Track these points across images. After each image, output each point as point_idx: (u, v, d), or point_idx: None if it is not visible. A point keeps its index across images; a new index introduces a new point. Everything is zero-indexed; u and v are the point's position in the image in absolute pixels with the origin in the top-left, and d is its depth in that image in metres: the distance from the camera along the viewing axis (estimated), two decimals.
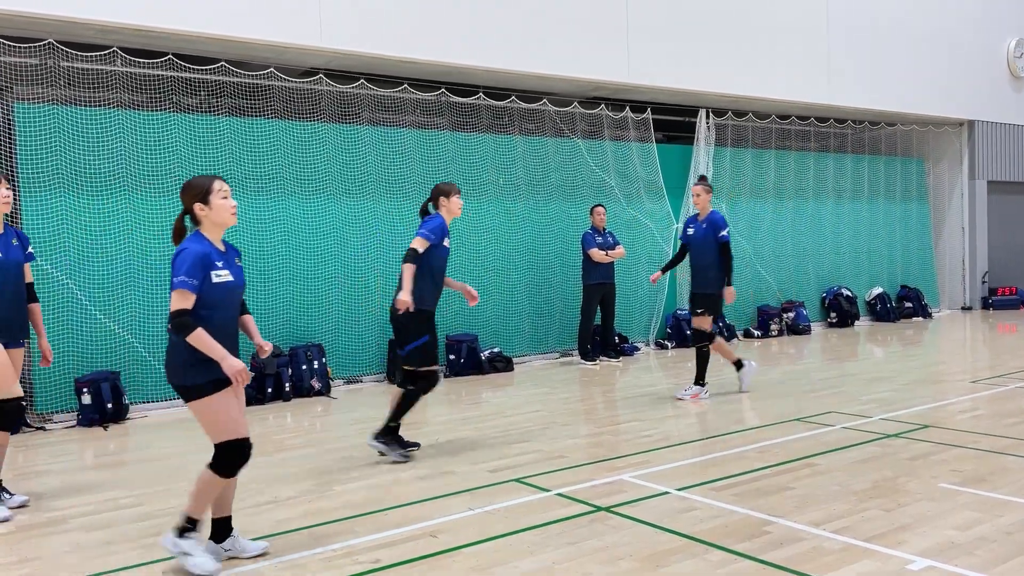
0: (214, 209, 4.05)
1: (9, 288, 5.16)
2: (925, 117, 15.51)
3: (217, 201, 4.05)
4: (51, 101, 8.21)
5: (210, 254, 3.98)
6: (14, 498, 5.20)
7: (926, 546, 4.16)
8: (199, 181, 4.09)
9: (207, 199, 4.04)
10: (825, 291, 14.60)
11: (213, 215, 4.05)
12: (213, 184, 4.07)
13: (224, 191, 4.09)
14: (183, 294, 3.88)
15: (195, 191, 4.05)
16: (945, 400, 7.95)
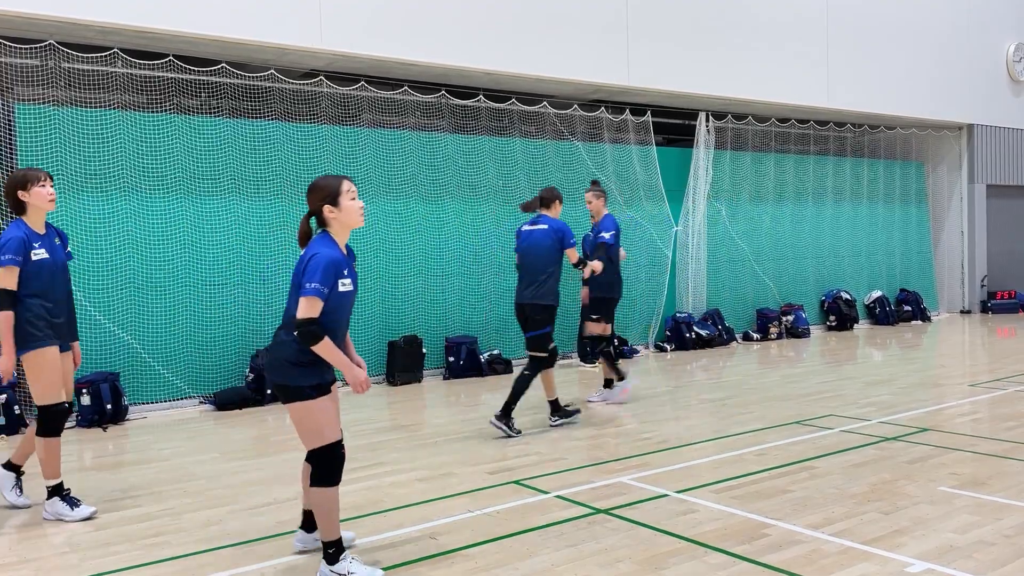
0: (343, 211, 3.92)
1: (59, 289, 5.02)
2: (924, 121, 15.53)
3: (346, 202, 3.93)
4: (52, 102, 8.22)
5: (341, 261, 3.84)
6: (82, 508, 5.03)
7: (925, 549, 4.17)
8: (327, 181, 3.95)
9: (337, 200, 3.91)
10: (824, 294, 14.61)
11: (343, 216, 3.93)
12: (342, 184, 3.94)
13: (352, 191, 3.97)
14: (313, 301, 3.71)
15: (323, 192, 3.92)
16: (944, 403, 7.96)
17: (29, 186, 4.90)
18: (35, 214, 4.95)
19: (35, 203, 4.92)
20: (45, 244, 4.95)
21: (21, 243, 4.81)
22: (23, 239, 4.83)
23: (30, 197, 4.91)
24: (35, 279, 4.86)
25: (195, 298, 8.75)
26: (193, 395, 8.68)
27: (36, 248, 4.88)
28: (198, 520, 4.91)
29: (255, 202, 9.20)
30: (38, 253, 4.88)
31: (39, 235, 4.95)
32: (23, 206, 4.93)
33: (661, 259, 12.50)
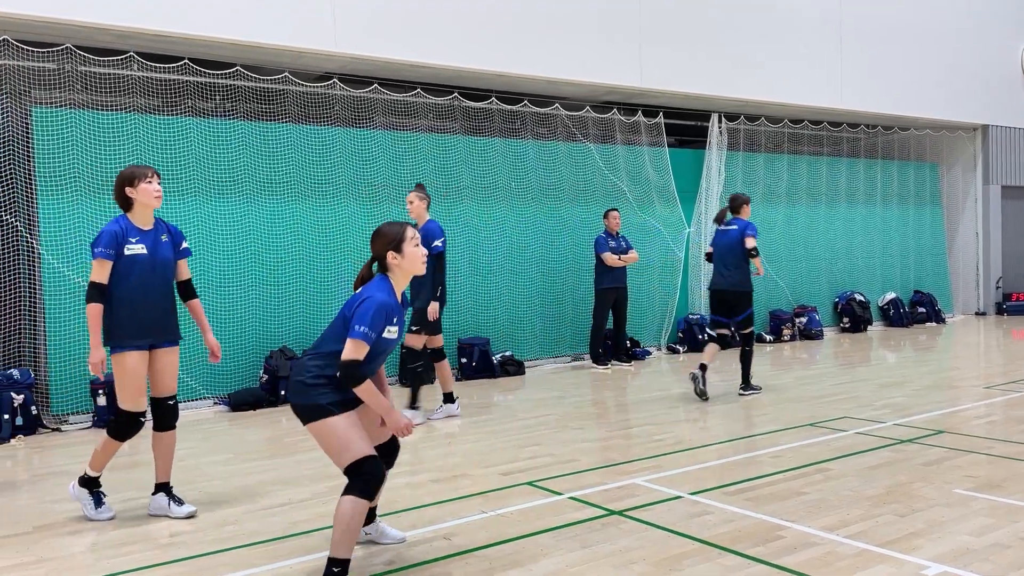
0: (407, 258, 3.94)
1: (156, 287, 4.93)
2: (938, 121, 15.45)
3: (410, 249, 3.94)
4: (68, 105, 8.29)
5: (394, 308, 3.84)
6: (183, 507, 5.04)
7: (941, 552, 4.15)
8: (392, 228, 3.98)
9: (400, 247, 3.93)
10: (838, 296, 14.55)
11: (405, 263, 3.94)
12: (406, 231, 3.96)
13: (416, 239, 3.98)
14: (360, 345, 3.71)
15: (388, 238, 3.94)
16: (959, 406, 7.91)
17: (136, 182, 4.87)
18: (141, 211, 4.91)
19: (141, 199, 4.88)
20: (145, 240, 4.89)
21: (113, 237, 4.77)
22: (116, 233, 4.79)
23: (137, 194, 4.88)
24: (126, 275, 4.81)
25: (210, 300, 8.78)
26: (208, 396, 8.72)
27: (132, 243, 4.83)
28: (213, 520, 4.94)
29: (269, 204, 9.24)
30: (133, 248, 4.83)
31: (140, 230, 4.90)
32: (130, 202, 4.90)
33: (673, 261, 12.48)
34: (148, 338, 4.94)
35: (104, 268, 4.77)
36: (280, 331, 9.19)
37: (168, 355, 5.06)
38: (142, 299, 4.88)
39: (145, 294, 4.89)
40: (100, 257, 4.76)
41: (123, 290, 4.83)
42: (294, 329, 9.29)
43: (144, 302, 4.89)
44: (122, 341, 4.83)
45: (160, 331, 5.00)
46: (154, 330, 4.97)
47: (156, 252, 4.94)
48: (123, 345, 4.84)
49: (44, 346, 7.97)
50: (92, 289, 4.77)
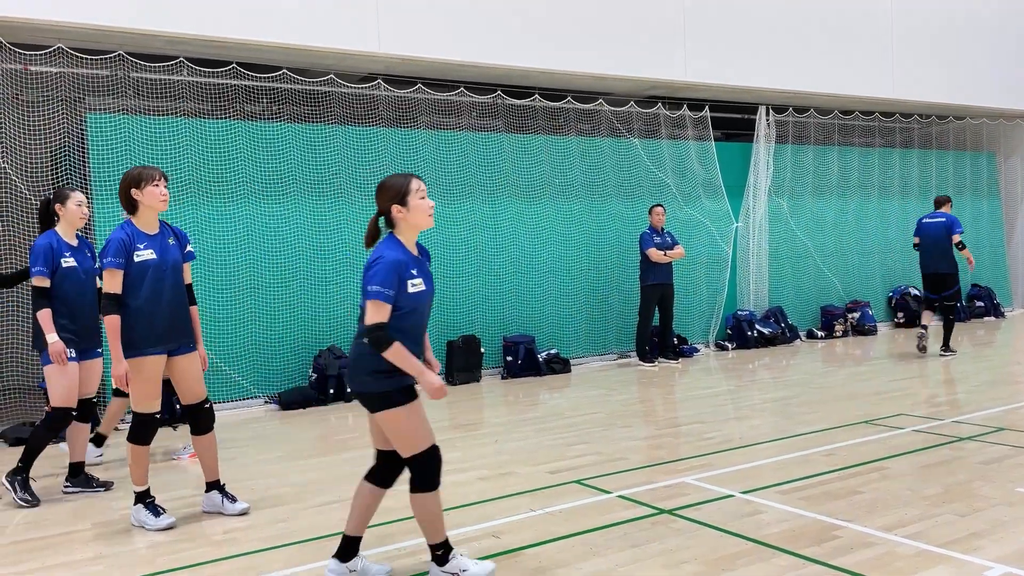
0: (412, 210, 3.79)
1: (168, 292, 4.87)
2: (995, 110, 14.98)
3: (415, 201, 3.79)
4: (121, 111, 8.47)
5: (406, 262, 3.74)
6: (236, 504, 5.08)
7: (1004, 552, 4.02)
8: (395, 180, 3.83)
9: (405, 200, 3.78)
10: (892, 291, 14.21)
11: (411, 217, 3.80)
12: (411, 183, 3.81)
13: (422, 190, 3.82)
14: (378, 305, 3.63)
15: (392, 191, 3.80)
16: (1019, 402, 7.66)
17: (143, 184, 4.82)
18: (146, 214, 4.86)
19: (147, 202, 4.84)
20: (153, 245, 4.84)
21: (121, 245, 4.74)
22: (124, 240, 4.76)
23: (143, 196, 4.83)
24: (139, 281, 4.77)
25: (260, 300, 8.92)
26: (258, 395, 8.85)
27: (141, 249, 4.79)
28: (265, 518, 5.00)
29: (317, 205, 9.34)
30: (142, 254, 4.79)
31: (147, 235, 4.85)
32: (135, 205, 4.85)
33: (721, 256, 12.31)
34: (166, 344, 4.88)
35: (116, 278, 4.71)
36: (329, 330, 9.28)
37: (188, 361, 5.00)
38: (156, 306, 4.82)
39: (159, 300, 4.84)
40: (111, 267, 4.70)
41: (137, 298, 4.76)
42: (342, 328, 9.37)
43: (158, 308, 4.83)
44: (140, 347, 4.78)
45: (177, 336, 4.94)
46: (171, 335, 4.90)
47: (166, 256, 4.89)
48: (140, 351, 4.79)
49: None
50: (107, 301, 4.70)
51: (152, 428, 4.93)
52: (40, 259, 5.43)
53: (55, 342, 5.35)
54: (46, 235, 5.57)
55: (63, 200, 5.63)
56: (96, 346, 5.77)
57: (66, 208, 5.62)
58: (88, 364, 5.71)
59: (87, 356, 5.70)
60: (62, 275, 5.50)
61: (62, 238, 5.59)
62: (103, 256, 4.76)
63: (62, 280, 5.50)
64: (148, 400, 4.88)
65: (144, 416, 4.89)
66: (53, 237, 5.56)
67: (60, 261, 5.49)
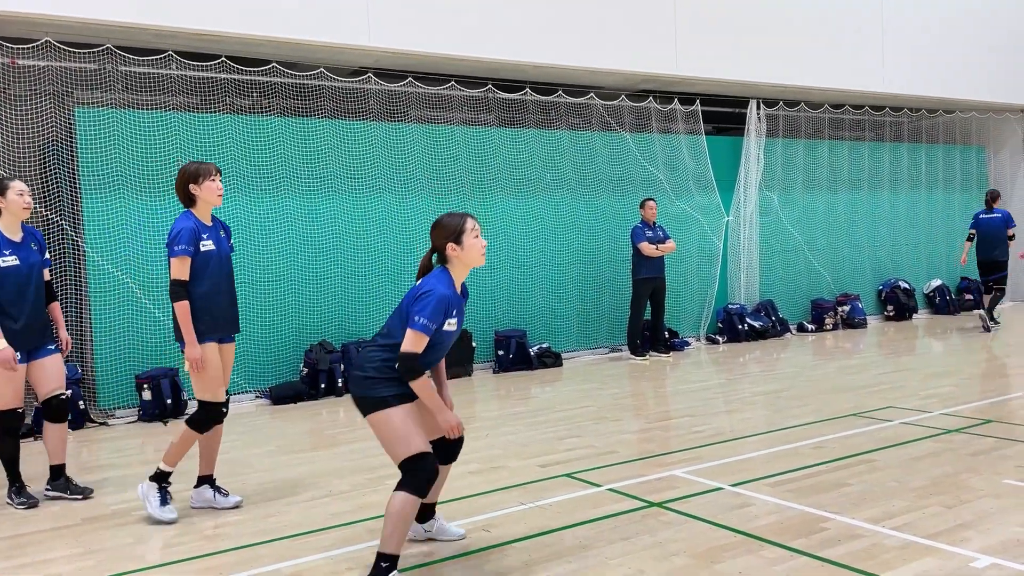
0: (466, 249, 3.91)
1: (224, 282, 4.99)
2: (985, 104, 15.04)
3: (470, 241, 3.91)
4: (110, 105, 8.43)
5: (452, 302, 3.83)
6: (229, 498, 5.12)
7: (990, 543, 4.05)
8: (452, 220, 3.96)
9: (460, 239, 3.90)
10: (882, 284, 14.27)
11: (464, 256, 3.91)
12: (466, 223, 3.94)
13: (476, 230, 3.95)
14: (420, 337, 3.71)
15: (448, 230, 3.91)
16: (1009, 395, 7.72)
17: (201, 180, 4.90)
18: (203, 208, 4.96)
19: (205, 197, 4.92)
20: (212, 236, 4.95)
21: (193, 233, 4.81)
22: (193, 229, 4.83)
23: (200, 191, 4.91)
24: (202, 272, 4.85)
25: (250, 295, 8.89)
26: (249, 390, 8.84)
27: (204, 239, 4.88)
28: (256, 512, 5.00)
29: (307, 199, 9.32)
30: (206, 244, 4.88)
31: (207, 227, 4.96)
32: (193, 199, 4.94)
33: (712, 250, 12.34)
34: (220, 332, 4.99)
35: (186, 265, 4.79)
36: (319, 325, 9.27)
37: (230, 351, 5.15)
38: (216, 295, 4.92)
39: (218, 290, 4.94)
40: (182, 255, 4.77)
41: (200, 287, 4.85)
42: (333, 323, 9.36)
43: (217, 298, 4.93)
44: (202, 336, 4.85)
45: (228, 326, 5.05)
46: (225, 325, 5.01)
47: (221, 247, 5.00)
48: (203, 336, 4.86)
49: (90, 342, 8.14)
50: (178, 287, 4.77)
51: (217, 419, 4.98)
52: None
53: (4, 349, 5.06)
54: None
55: (3, 191, 5.22)
56: (48, 342, 5.42)
57: (7, 199, 5.22)
58: (41, 363, 5.36)
59: (37, 355, 5.35)
60: (2, 275, 5.16)
61: (3, 233, 5.22)
62: (174, 244, 4.78)
63: (2, 280, 5.16)
64: (215, 388, 4.91)
65: (213, 405, 4.92)
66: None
67: None
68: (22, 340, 5.25)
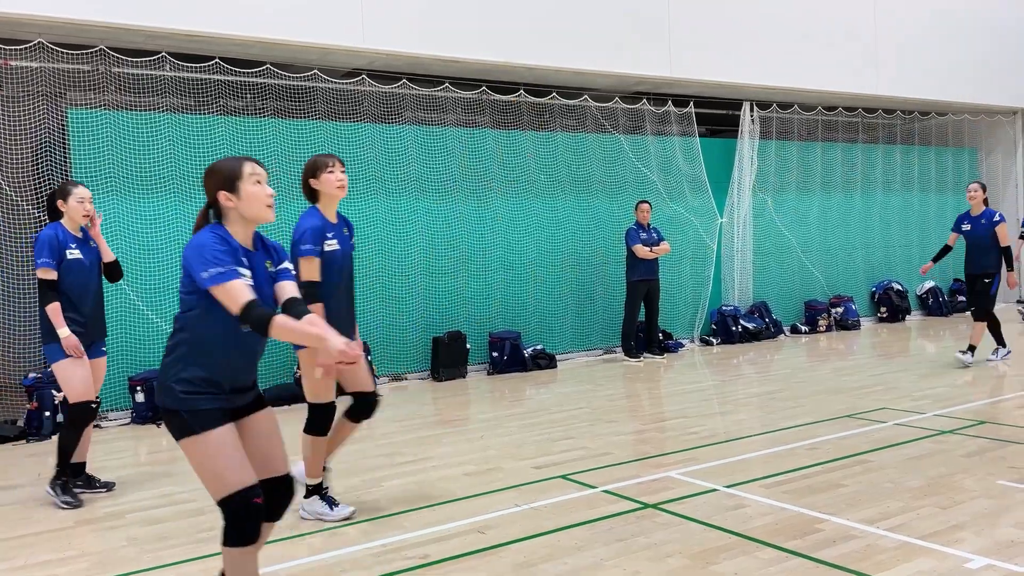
0: (244, 200, 3.17)
1: (344, 283, 4.77)
2: (977, 106, 15.10)
3: (249, 189, 3.17)
4: (103, 106, 8.40)
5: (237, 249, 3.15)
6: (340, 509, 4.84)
7: (984, 544, 4.06)
8: (225, 164, 3.23)
9: (236, 187, 3.17)
10: (875, 285, 14.31)
11: (243, 207, 3.17)
12: (244, 167, 3.19)
13: (257, 175, 3.20)
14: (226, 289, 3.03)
15: (219, 177, 3.19)
16: (1002, 396, 7.75)
17: (319, 172, 4.71)
18: (328, 203, 4.74)
19: (325, 190, 4.72)
20: (337, 234, 4.74)
21: (319, 233, 4.61)
22: (320, 229, 4.62)
23: (320, 184, 4.72)
24: (325, 271, 4.63)
25: None
26: None
27: (329, 238, 4.67)
28: None
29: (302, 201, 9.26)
30: (330, 244, 4.67)
31: (332, 225, 4.73)
32: (316, 194, 4.74)
33: (706, 251, 12.36)
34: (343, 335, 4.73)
35: (315, 265, 4.56)
36: None
37: None
38: (337, 296, 4.68)
39: (339, 290, 4.70)
40: (309, 255, 4.55)
41: (324, 288, 4.61)
42: None
43: (340, 298, 4.71)
44: None
45: (348, 326, 4.76)
46: (346, 326, 4.71)
47: (345, 246, 4.76)
48: None
49: None
50: (313, 287, 4.53)
51: (331, 418, 4.77)
52: (45, 250, 5.23)
53: (68, 336, 5.19)
54: (51, 226, 5.36)
55: (65, 196, 5.39)
56: (102, 343, 5.57)
57: (68, 205, 5.38)
58: (95, 363, 5.49)
59: (91, 355, 5.45)
60: (67, 266, 5.30)
61: (67, 229, 5.37)
62: (299, 244, 4.58)
63: (67, 271, 5.30)
64: (326, 388, 4.72)
65: (324, 406, 4.75)
66: (59, 228, 5.35)
67: (65, 253, 5.29)
68: (84, 335, 5.32)
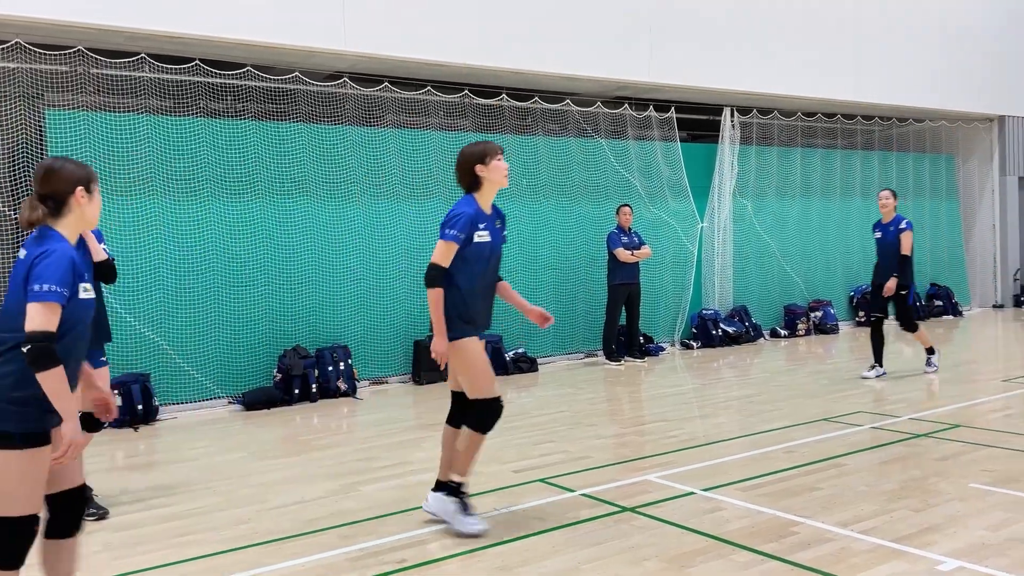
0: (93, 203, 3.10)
1: (492, 278, 4.61)
2: (955, 113, 15.29)
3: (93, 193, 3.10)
4: (81, 107, 8.34)
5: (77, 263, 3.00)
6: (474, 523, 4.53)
7: (956, 547, 4.11)
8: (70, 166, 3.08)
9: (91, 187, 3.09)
10: (853, 290, 14.44)
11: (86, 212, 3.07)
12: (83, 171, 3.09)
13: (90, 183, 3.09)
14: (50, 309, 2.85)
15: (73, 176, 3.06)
16: (976, 399, 7.84)
17: (489, 159, 4.48)
18: (489, 192, 4.55)
19: (493, 178, 4.51)
20: (489, 226, 4.53)
21: (470, 221, 4.40)
22: (472, 217, 4.43)
23: (488, 171, 4.50)
24: (472, 263, 4.46)
25: (223, 299, 8.83)
26: (222, 395, 8.76)
27: (480, 230, 4.46)
28: (227, 519, 4.96)
29: (282, 203, 9.26)
30: (482, 235, 4.46)
31: (486, 215, 4.53)
32: (479, 182, 4.53)
33: (686, 256, 12.42)
34: (478, 331, 4.60)
35: (451, 251, 4.38)
36: (293, 330, 9.21)
37: None
38: (482, 290, 4.53)
39: (485, 285, 4.55)
40: (451, 240, 4.37)
41: (467, 279, 4.46)
42: (307, 328, 9.31)
43: (483, 293, 4.55)
44: (463, 329, 4.46)
45: (486, 324, 4.68)
46: (483, 323, 4.63)
47: (496, 240, 4.59)
48: (464, 331, 4.46)
49: None
50: (436, 272, 4.37)
51: (499, 414, 4.55)
52: None
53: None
54: None
55: None
56: (99, 353, 5.09)
57: None
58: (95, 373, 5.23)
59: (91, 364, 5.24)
60: None
61: None
62: (446, 227, 4.41)
63: None
64: (489, 384, 4.52)
65: (490, 401, 4.51)
66: None
67: None
68: None
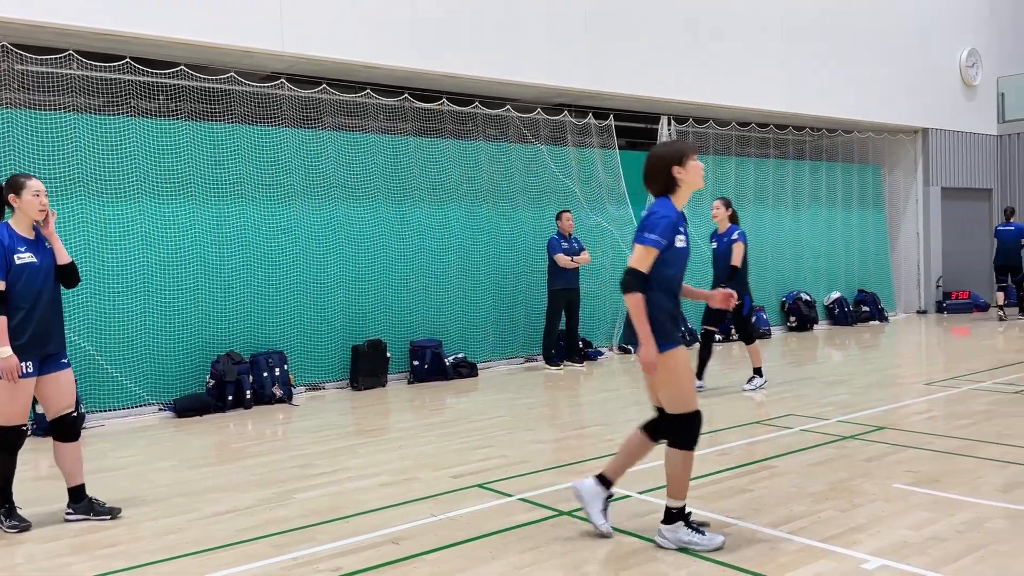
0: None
1: (680, 279, 4.42)
2: (881, 125, 15.83)
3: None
4: (5, 105, 8.05)
5: None
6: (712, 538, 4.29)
7: (880, 546, 4.25)
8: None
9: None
10: (785, 296, 14.81)
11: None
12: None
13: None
14: None
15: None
16: (900, 402, 8.11)
17: (686, 160, 4.34)
18: (684, 193, 4.37)
19: (690, 179, 4.34)
20: (685, 231, 4.40)
21: (671, 226, 4.22)
22: (675, 223, 4.25)
23: (687, 173, 4.33)
24: (672, 267, 4.30)
25: (154, 303, 8.62)
26: (152, 402, 8.54)
27: (680, 234, 4.31)
28: (156, 529, 4.83)
29: (216, 205, 9.08)
30: (680, 240, 4.32)
31: (682, 218, 4.41)
32: (675, 184, 4.34)
33: (625, 262, 12.53)
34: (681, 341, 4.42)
35: (651, 257, 4.19)
36: (226, 335, 9.04)
37: None
38: (670, 292, 4.34)
39: (673, 286, 4.36)
40: (651, 245, 4.18)
41: (667, 282, 4.29)
42: (241, 333, 9.14)
43: (669, 295, 4.33)
44: (671, 336, 4.27)
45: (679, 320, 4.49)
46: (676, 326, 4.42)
47: (689, 246, 4.45)
48: (673, 339, 4.28)
49: None
50: (635, 277, 4.17)
51: (700, 426, 4.38)
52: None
53: (8, 356, 4.68)
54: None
55: (17, 190, 4.71)
56: (62, 354, 5.04)
57: (22, 200, 4.72)
58: (55, 377, 5.00)
59: (51, 368, 4.98)
60: (17, 271, 4.75)
61: (17, 232, 4.77)
62: (646, 231, 4.20)
63: (17, 276, 4.75)
64: (695, 397, 4.35)
65: (693, 415, 4.33)
66: (5, 230, 4.76)
67: (14, 258, 4.73)
68: (33, 347, 4.83)
